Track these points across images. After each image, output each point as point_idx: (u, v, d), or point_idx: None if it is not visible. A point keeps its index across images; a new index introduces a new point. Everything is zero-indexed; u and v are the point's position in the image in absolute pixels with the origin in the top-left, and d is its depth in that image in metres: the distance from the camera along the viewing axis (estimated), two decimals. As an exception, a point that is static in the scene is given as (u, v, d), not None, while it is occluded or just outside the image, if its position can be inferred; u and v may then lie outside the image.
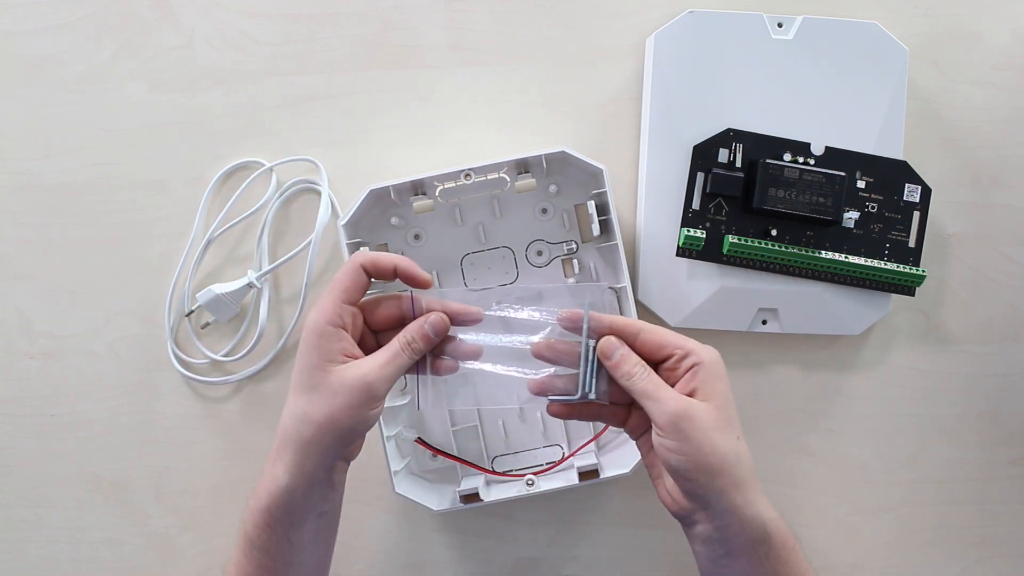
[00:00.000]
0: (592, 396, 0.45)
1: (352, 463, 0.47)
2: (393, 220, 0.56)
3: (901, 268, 0.55)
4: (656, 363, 0.45)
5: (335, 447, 0.44)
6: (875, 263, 0.55)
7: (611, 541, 0.59)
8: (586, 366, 0.45)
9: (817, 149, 0.55)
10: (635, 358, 0.44)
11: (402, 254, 0.57)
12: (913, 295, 0.56)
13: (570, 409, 0.47)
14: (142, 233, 0.59)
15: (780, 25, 0.56)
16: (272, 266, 0.57)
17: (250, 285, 0.56)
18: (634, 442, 0.48)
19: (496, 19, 0.58)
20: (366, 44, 0.58)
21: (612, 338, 0.45)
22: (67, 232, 0.59)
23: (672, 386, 0.44)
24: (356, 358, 0.45)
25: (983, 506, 0.59)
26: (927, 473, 0.59)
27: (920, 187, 0.56)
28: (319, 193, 0.57)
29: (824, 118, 0.55)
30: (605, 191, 0.53)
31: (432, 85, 0.58)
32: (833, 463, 0.59)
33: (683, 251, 0.55)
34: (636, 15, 0.58)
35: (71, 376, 0.59)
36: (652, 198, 0.56)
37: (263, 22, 0.58)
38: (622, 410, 0.47)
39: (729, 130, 0.55)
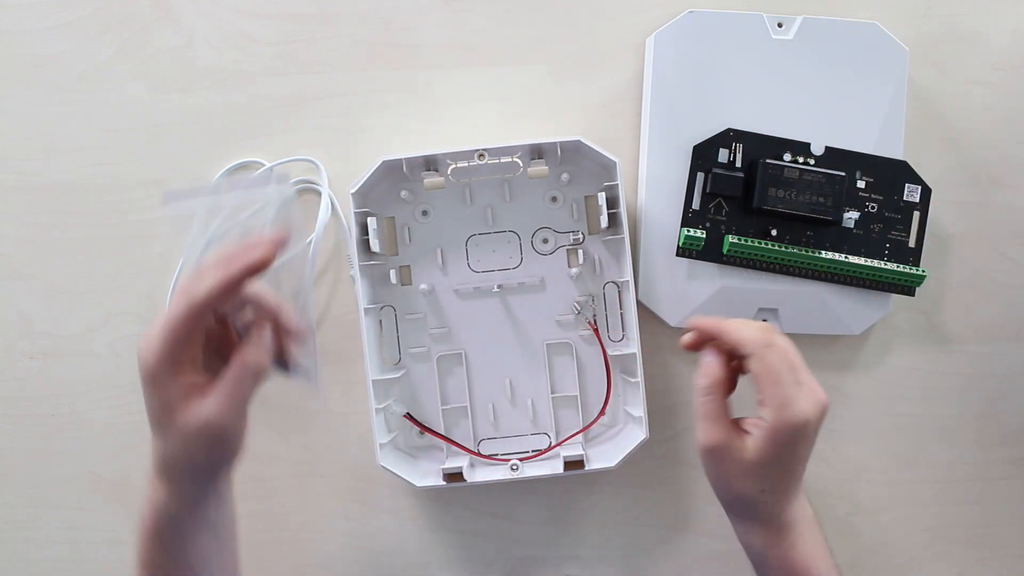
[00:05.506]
0: None
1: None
2: (403, 194, 0.57)
3: (901, 268, 0.55)
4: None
5: (205, 477, 0.43)
6: (875, 263, 0.55)
7: (612, 541, 0.59)
8: None
9: (817, 149, 0.55)
10: (703, 382, 0.45)
11: (408, 228, 0.57)
12: (913, 295, 0.56)
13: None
14: (142, 233, 0.59)
15: (780, 25, 0.56)
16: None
17: (250, 285, 0.56)
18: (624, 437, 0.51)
19: (496, 19, 0.58)
20: (366, 44, 0.58)
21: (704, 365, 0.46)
22: (67, 232, 0.59)
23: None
24: (203, 386, 0.41)
25: (983, 506, 0.59)
26: (927, 473, 0.59)
27: (920, 187, 0.56)
28: (319, 193, 0.57)
29: (824, 118, 0.55)
30: (617, 184, 0.53)
31: (432, 85, 0.58)
32: (833, 463, 0.59)
33: (683, 251, 0.55)
34: (636, 15, 0.58)
35: (71, 376, 0.59)
36: (652, 198, 0.56)
37: (263, 22, 0.58)
38: None
39: (729, 130, 0.55)
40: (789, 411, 0.42)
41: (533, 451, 0.57)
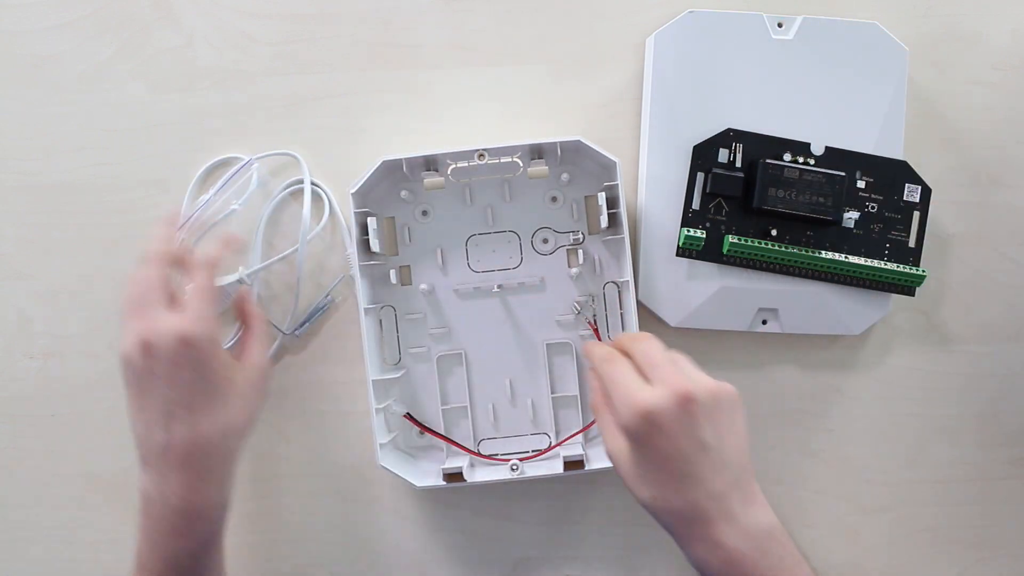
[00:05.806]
0: None
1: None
2: (403, 194, 0.57)
3: (901, 268, 0.55)
4: None
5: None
6: (875, 263, 0.55)
7: (612, 541, 0.59)
8: None
9: (817, 149, 0.55)
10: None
11: (408, 228, 0.57)
12: (913, 295, 0.56)
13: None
14: (142, 233, 0.59)
15: (780, 25, 0.56)
16: (260, 265, 0.57)
17: (240, 281, 0.56)
18: None
19: (496, 19, 0.58)
20: (366, 44, 0.58)
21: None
22: (67, 232, 0.59)
23: None
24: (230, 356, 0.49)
25: (983, 506, 0.59)
26: (927, 473, 0.59)
27: (920, 187, 0.56)
28: (319, 191, 0.57)
29: (824, 118, 0.55)
30: (617, 184, 0.53)
31: (432, 85, 0.58)
32: (833, 463, 0.59)
33: (683, 251, 0.55)
34: (636, 15, 0.58)
35: (71, 376, 0.59)
36: (652, 198, 0.56)
37: (263, 22, 0.58)
38: None
39: (729, 130, 0.55)
40: (627, 405, 0.43)
41: (533, 451, 0.57)
